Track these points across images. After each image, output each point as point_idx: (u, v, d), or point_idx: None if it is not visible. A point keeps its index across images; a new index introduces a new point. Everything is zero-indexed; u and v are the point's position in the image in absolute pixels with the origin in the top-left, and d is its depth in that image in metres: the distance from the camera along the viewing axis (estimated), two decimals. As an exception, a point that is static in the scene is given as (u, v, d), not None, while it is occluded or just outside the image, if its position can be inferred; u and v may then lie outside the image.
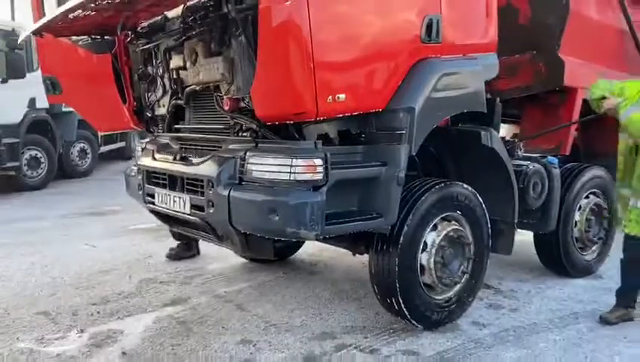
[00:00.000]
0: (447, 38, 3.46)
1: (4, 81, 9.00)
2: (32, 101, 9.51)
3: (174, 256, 5.26)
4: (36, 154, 9.81)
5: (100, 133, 11.52)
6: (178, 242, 5.27)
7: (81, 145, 11.39)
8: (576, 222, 4.58)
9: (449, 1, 3.44)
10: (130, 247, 5.76)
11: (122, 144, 13.40)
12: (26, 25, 9.58)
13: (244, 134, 3.35)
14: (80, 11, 3.31)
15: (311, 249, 5.38)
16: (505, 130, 5.67)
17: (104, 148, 12.53)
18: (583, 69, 4.35)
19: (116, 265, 5.16)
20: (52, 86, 4.57)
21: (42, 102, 9.69)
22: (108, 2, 2.88)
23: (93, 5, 3.21)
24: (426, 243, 3.50)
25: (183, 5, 3.36)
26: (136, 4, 3.37)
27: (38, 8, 4.28)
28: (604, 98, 3.68)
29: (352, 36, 3.06)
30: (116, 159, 13.20)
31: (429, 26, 3.36)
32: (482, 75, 3.73)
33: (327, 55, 2.94)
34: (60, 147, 10.50)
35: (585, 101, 4.27)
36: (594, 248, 4.74)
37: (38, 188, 9.79)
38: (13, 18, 12.83)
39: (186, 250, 5.29)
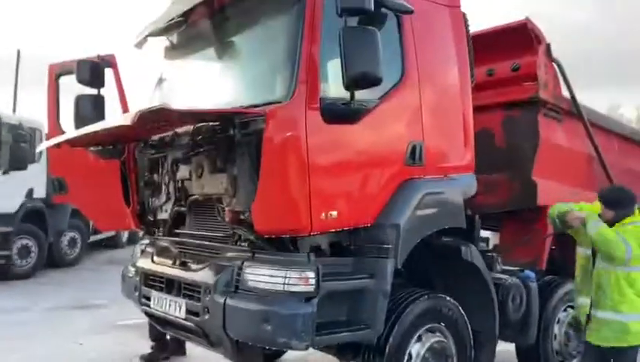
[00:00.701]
0: (429, 161, 3.83)
1: (6, 172, 9.27)
2: (30, 191, 9.76)
3: (147, 358, 5.21)
4: (27, 243, 9.89)
5: (91, 223, 11.67)
6: (153, 343, 5.26)
7: (72, 234, 11.48)
8: (555, 334, 4.74)
9: (430, 129, 3.85)
10: (116, 346, 5.75)
11: (112, 233, 13.49)
12: (31, 119, 10.06)
13: (242, 244, 3.58)
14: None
15: (297, 352, 5.40)
16: (492, 237, 5.97)
17: (94, 238, 12.61)
18: (556, 189, 4.72)
19: (101, 364, 5.16)
20: (59, 186, 4.82)
21: (39, 193, 9.95)
22: (128, 127, 3.18)
23: (115, 131, 3.52)
24: (410, 355, 3.64)
25: (193, 126, 3.71)
26: (153, 129, 3.71)
27: (53, 117, 4.64)
28: (566, 213, 3.88)
29: (344, 161, 3.44)
30: (104, 248, 13.22)
31: (413, 151, 3.74)
32: (461, 193, 4.08)
33: (322, 178, 3.29)
34: (51, 236, 10.60)
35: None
36: (574, 361, 4.85)
37: (26, 276, 9.78)
38: (14, 109, 13.33)
39: (160, 351, 5.26)
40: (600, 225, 3.71)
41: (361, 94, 3.29)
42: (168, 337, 5.24)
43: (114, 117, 4.22)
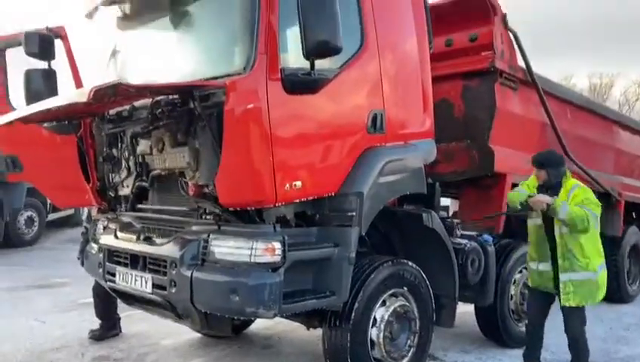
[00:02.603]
0: (390, 129, 3.90)
1: (-45, 149, 8.87)
2: (-18, 169, 9.36)
3: (98, 336, 5.17)
4: (-19, 223, 9.58)
5: (49, 201, 11.35)
6: (100, 322, 5.24)
7: (29, 213, 11.15)
8: (511, 295, 4.98)
9: (391, 97, 3.91)
10: (80, 323, 5.68)
11: (71, 211, 13.15)
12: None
13: (207, 217, 3.58)
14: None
15: (265, 321, 5.49)
16: (452, 204, 6.16)
17: (52, 216, 12.28)
18: (512, 156, 4.90)
19: (68, 341, 5.11)
20: (13, 164, 4.64)
21: (-9, 171, 9.54)
22: (84, 104, 3.11)
23: (69, 107, 3.43)
24: (375, 319, 3.76)
25: (151, 99, 3.64)
26: (109, 104, 3.63)
27: (2, 93, 4.45)
28: (529, 197, 4.06)
29: (306, 131, 3.46)
30: (63, 226, 12.92)
31: (374, 119, 3.79)
32: (422, 159, 4.18)
33: (285, 148, 3.31)
34: (7, 215, 10.28)
35: (514, 184, 4.77)
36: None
37: (-19, 257, 9.50)
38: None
39: (109, 329, 5.23)
40: (567, 207, 3.89)
41: (321, 64, 3.30)
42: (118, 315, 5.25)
43: (67, 92, 4.09)
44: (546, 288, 4.20)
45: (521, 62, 5.06)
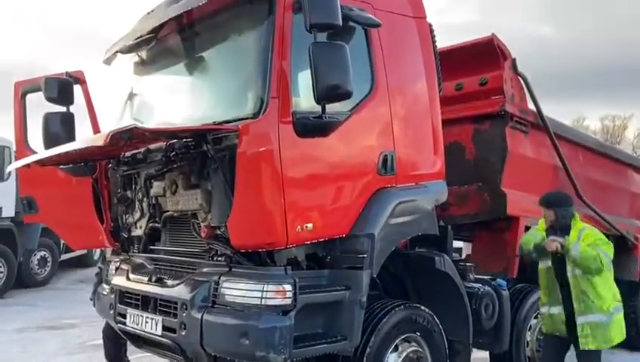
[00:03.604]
0: (401, 170, 3.92)
1: (-26, 191, 9.04)
2: (-1, 210, 9.52)
3: None
4: (-4, 263, 9.63)
5: (62, 241, 11.42)
6: None
7: (42, 253, 11.21)
8: (527, 341, 4.86)
9: (401, 138, 3.94)
10: (89, 367, 5.64)
11: (83, 252, 13.20)
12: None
13: (219, 259, 3.58)
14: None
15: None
16: (465, 248, 6.10)
17: (65, 256, 12.33)
18: (524, 199, 4.87)
19: (76, 385, 5.05)
20: (29, 205, 4.70)
21: (8, 212, 9.69)
22: (100, 148, 3.17)
23: (86, 150, 3.50)
24: (387, 365, 3.68)
25: (165, 142, 3.71)
26: (125, 147, 3.71)
27: (20, 136, 4.56)
28: (543, 240, 4.03)
29: (317, 174, 3.49)
30: (75, 267, 12.95)
31: (385, 161, 3.82)
32: (433, 200, 4.17)
33: (296, 190, 3.33)
34: (20, 256, 10.34)
35: (527, 227, 4.73)
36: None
37: (-6, 298, 9.51)
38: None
39: None
40: (579, 246, 3.87)
41: (332, 107, 3.35)
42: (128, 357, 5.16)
43: (84, 136, 4.19)
44: (560, 333, 4.10)
45: (531, 106, 5.10)
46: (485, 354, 4.90)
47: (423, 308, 3.96)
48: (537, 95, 5.08)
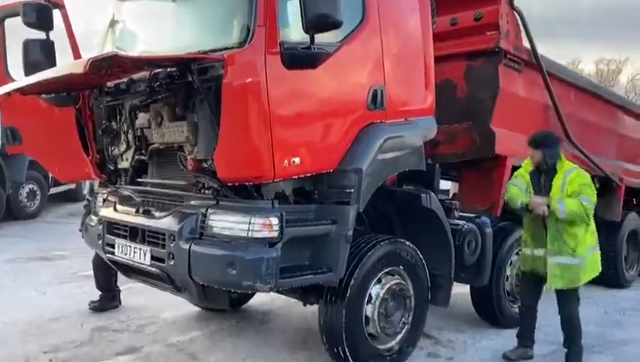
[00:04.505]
0: (391, 106, 3.87)
1: (-44, 123, 8.85)
2: (-16, 143, 9.35)
3: (98, 307, 5.24)
4: (-17, 196, 9.62)
5: (50, 175, 11.37)
6: (100, 293, 5.30)
7: (31, 186, 11.17)
8: (507, 276, 5.00)
9: (392, 73, 3.88)
10: (80, 295, 5.73)
11: (72, 186, 13.19)
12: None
13: (206, 192, 3.59)
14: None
15: (263, 297, 5.55)
16: (452, 187, 6.15)
17: (54, 190, 12.31)
18: (513, 139, 4.85)
19: (67, 312, 5.17)
20: (12, 136, 4.61)
21: (-7, 144, 9.52)
22: (80, 74, 3.08)
23: (67, 78, 3.40)
24: (371, 296, 3.79)
25: (149, 72, 3.61)
26: (106, 76, 3.60)
27: (1, 63, 4.41)
28: (529, 203, 4.06)
29: (305, 107, 3.43)
30: (65, 201, 12.97)
31: (375, 96, 3.77)
32: (422, 136, 4.16)
33: (284, 124, 3.28)
34: (8, 188, 10.31)
35: (514, 167, 4.76)
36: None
37: (-17, 229, 9.56)
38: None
39: (109, 300, 5.30)
40: (564, 206, 3.90)
41: (321, 38, 3.26)
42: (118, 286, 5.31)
43: (65, 63, 4.06)
44: (539, 272, 4.20)
45: (526, 43, 5.00)
46: (466, 288, 5.06)
47: (407, 243, 4.03)
48: (534, 37, 4.96)
